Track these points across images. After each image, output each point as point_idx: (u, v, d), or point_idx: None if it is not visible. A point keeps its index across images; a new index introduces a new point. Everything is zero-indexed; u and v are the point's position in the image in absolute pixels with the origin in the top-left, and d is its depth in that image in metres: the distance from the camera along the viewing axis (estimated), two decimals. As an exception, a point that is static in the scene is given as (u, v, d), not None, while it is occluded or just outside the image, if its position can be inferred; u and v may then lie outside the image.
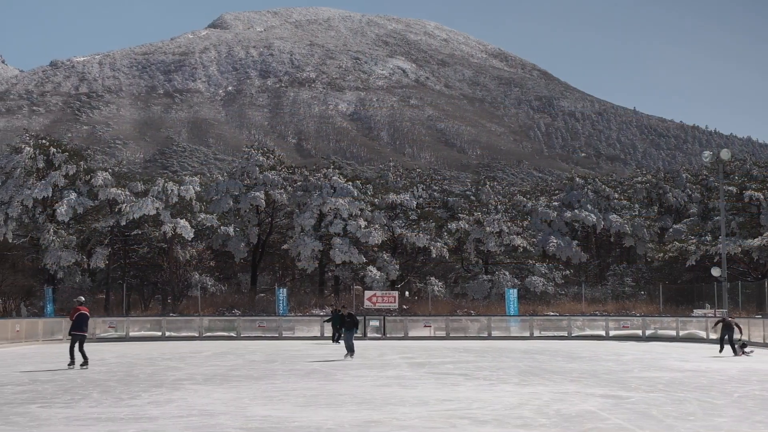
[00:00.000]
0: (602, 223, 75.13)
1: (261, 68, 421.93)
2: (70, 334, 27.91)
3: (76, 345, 27.16)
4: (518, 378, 22.94)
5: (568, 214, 75.68)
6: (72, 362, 27.06)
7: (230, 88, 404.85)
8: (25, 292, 65.95)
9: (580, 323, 51.92)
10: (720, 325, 35.07)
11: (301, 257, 66.48)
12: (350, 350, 31.82)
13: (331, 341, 44.44)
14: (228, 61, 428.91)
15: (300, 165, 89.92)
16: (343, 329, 32.97)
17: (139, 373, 24.88)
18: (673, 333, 48.20)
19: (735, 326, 34.37)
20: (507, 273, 68.02)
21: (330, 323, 45.22)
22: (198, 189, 67.31)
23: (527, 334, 49.87)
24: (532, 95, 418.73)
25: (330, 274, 72.40)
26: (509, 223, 70.45)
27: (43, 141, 67.94)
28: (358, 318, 34.03)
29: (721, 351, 34.25)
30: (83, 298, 29.79)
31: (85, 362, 27.03)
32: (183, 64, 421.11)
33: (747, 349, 33.92)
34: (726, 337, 34.17)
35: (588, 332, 50.43)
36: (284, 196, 69.66)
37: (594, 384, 21.25)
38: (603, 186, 79.54)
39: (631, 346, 41.86)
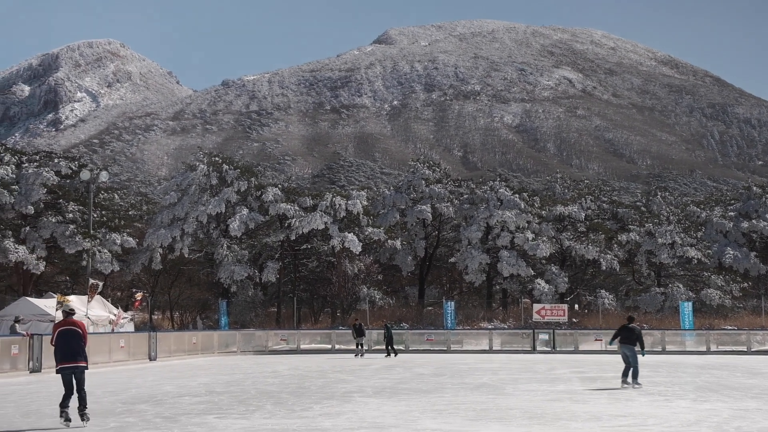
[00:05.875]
0: (782, 233, 72.28)
1: (426, 82, 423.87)
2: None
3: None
4: (695, 394, 22.15)
5: (746, 224, 73.12)
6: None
7: (395, 102, 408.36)
8: (201, 305, 68.37)
9: (760, 337, 49.76)
10: None
11: (469, 270, 66.43)
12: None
13: (356, 355, 44.52)
14: (393, 76, 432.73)
15: (466, 178, 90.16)
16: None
17: (311, 385, 25.23)
18: None
19: None
20: (681, 285, 66.19)
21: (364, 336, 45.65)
22: (365, 203, 68.24)
23: (703, 348, 48.19)
24: (704, 102, 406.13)
25: (498, 287, 72.08)
26: (682, 234, 68.54)
27: (216, 158, 70.27)
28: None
29: None
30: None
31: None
32: (349, 80, 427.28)
33: None
34: None
35: (769, 347, 48.35)
36: (451, 209, 69.85)
37: (777, 401, 20.32)
38: (783, 194, 76.49)
39: (815, 361, 39.91)
